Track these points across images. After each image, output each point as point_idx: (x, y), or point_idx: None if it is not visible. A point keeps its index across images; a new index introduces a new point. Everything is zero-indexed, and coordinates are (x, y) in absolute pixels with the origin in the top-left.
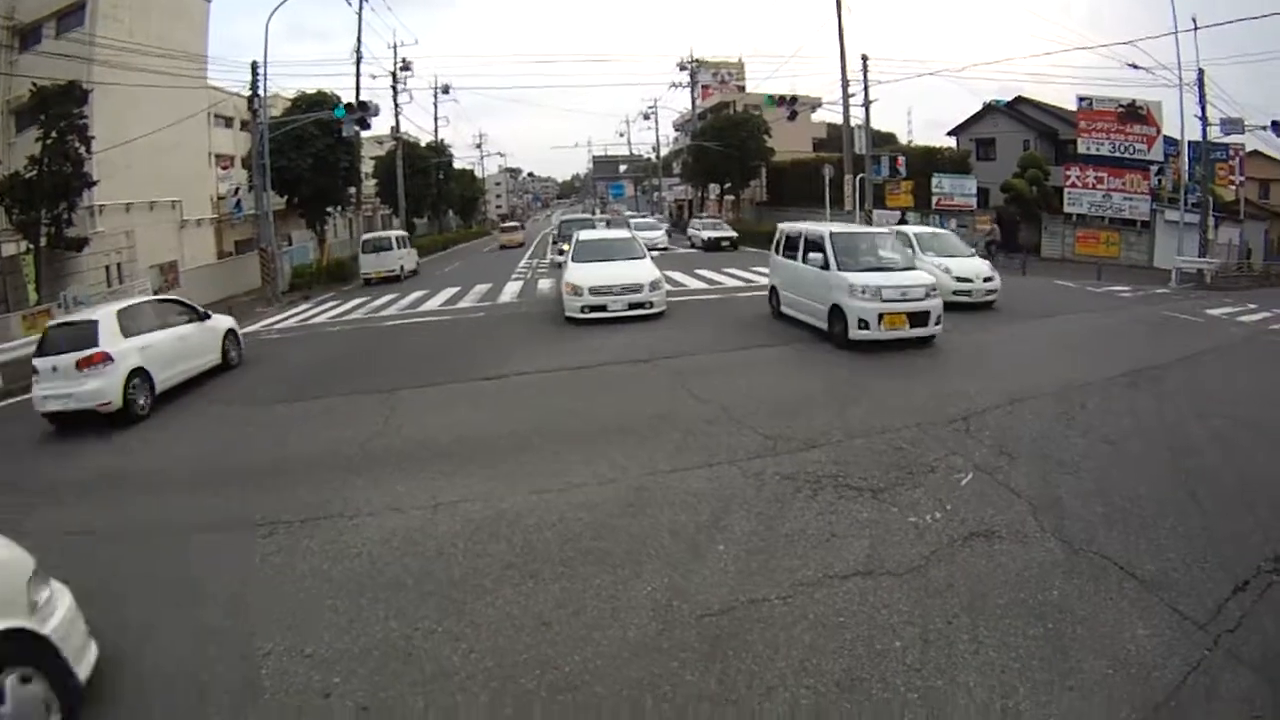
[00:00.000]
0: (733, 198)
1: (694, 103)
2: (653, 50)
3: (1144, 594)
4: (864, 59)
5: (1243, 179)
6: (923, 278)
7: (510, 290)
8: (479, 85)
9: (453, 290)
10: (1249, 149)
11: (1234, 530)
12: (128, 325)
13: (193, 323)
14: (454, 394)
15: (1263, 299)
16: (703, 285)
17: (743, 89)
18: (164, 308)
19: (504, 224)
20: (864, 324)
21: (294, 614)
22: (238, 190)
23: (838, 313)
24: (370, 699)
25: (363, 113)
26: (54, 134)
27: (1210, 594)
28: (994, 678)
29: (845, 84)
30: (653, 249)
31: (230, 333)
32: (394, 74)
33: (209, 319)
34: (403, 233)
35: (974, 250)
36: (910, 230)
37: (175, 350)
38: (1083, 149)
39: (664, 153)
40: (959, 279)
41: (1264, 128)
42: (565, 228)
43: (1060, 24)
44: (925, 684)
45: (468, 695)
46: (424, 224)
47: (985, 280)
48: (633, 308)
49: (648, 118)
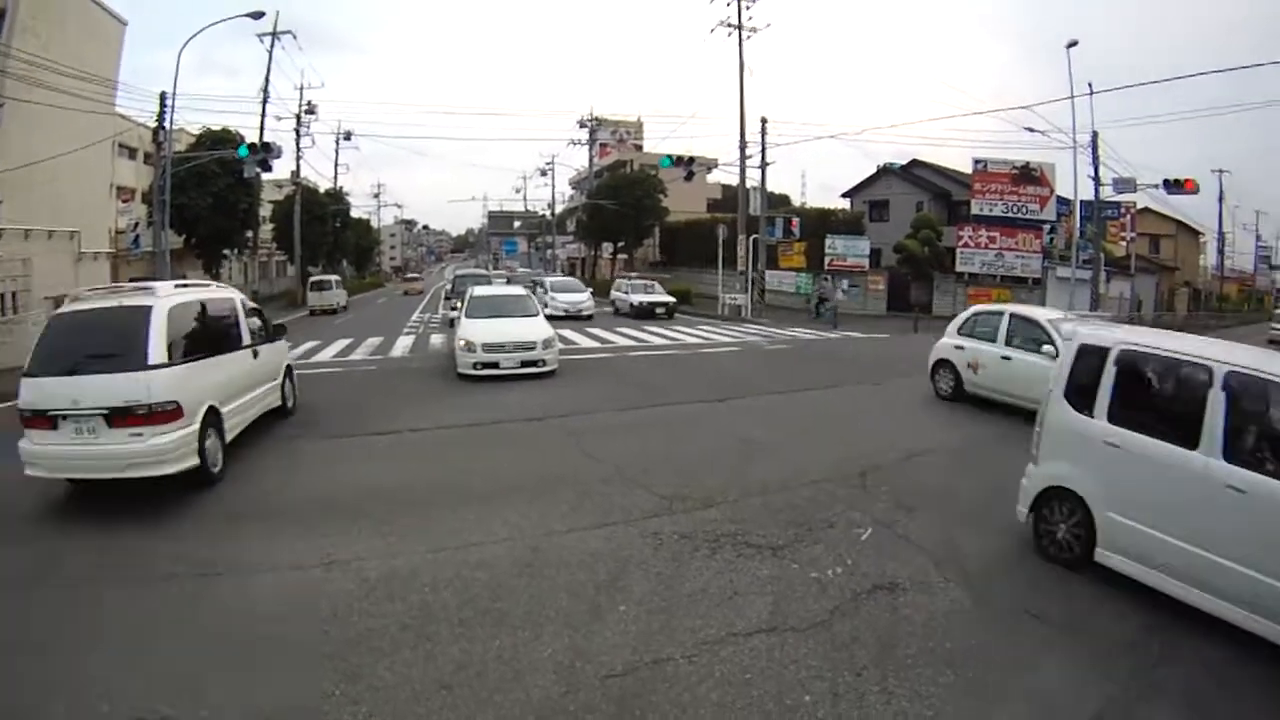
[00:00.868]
0: (625, 257)
1: (591, 160)
2: (554, 107)
3: (1049, 633)
4: (763, 121)
5: (1134, 235)
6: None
7: (403, 344)
8: (381, 134)
9: (345, 342)
10: (1140, 206)
11: None
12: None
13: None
14: (346, 448)
15: None
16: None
17: (640, 148)
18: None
19: (408, 275)
20: None
21: (186, 673)
22: (137, 225)
23: None
24: None
25: (266, 154)
26: None
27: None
28: None
29: (743, 146)
30: (576, 315)
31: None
32: (298, 116)
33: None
34: (338, 276)
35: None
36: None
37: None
38: (976, 210)
39: (559, 210)
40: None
41: (1155, 185)
42: (459, 283)
43: (959, 89)
44: None
45: None
46: (318, 272)
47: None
48: (526, 365)
49: (544, 174)
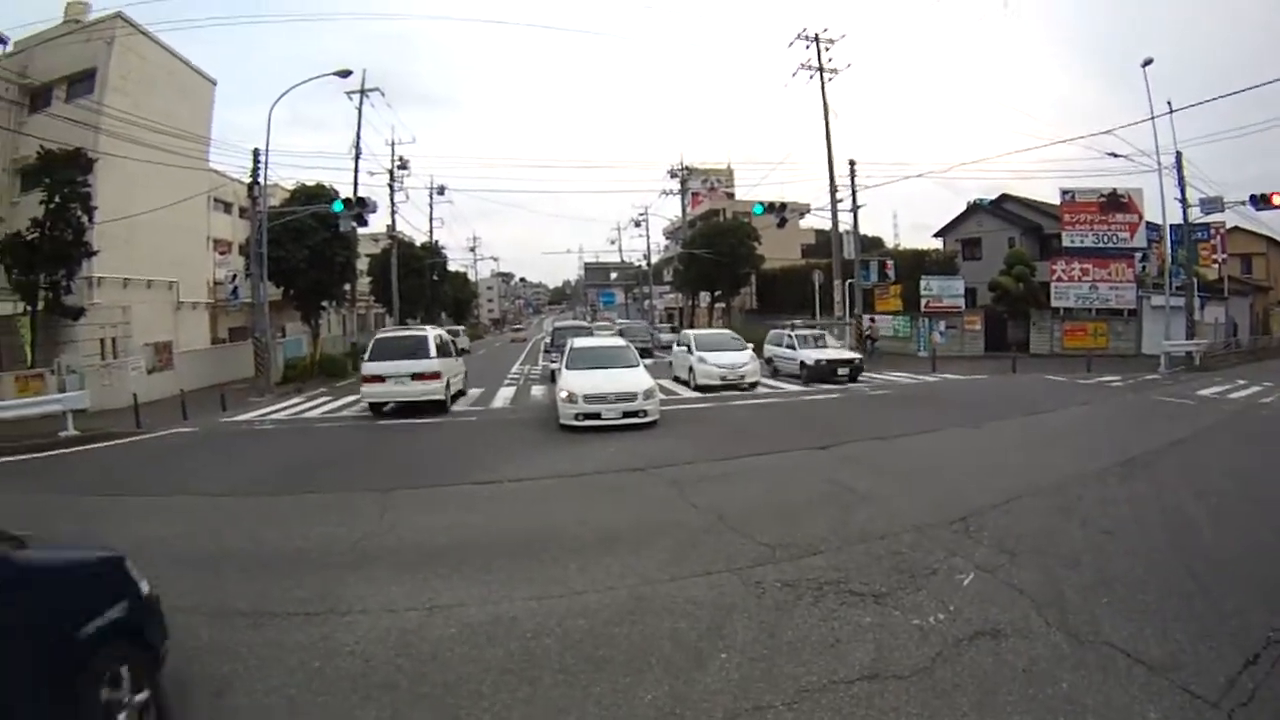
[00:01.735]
0: (723, 305)
1: (684, 210)
2: (644, 158)
3: (1153, 678)
4: (851, 164)
5: (1225, 257)
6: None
7: (504, 395)
8: (474, 187)
9: None
10: (1229, 225)
11: (1239, 605)
12: None
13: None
14: (449, 497)
15: (1252, 374)
16: None
17: (732, 196)
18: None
19: (515, 326)
20: None
21: (284, 711)
22: (235, 277)
23: None
24: None
25: (360, 209)
26: (57, 199)
27: (1220, 671)
28: None
29: (834, 191)
30: (737, 383)
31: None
32: (391, 172)
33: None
34: (462, 326)
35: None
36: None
37: None
38: (1067, 242)
39: (654, 260)
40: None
41: (1242, 203)
42: (559, 335)
43: (1039, 119)
44: None
45: None
46: (416, 325)
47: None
48: (627, 416)
49: (639, 225)
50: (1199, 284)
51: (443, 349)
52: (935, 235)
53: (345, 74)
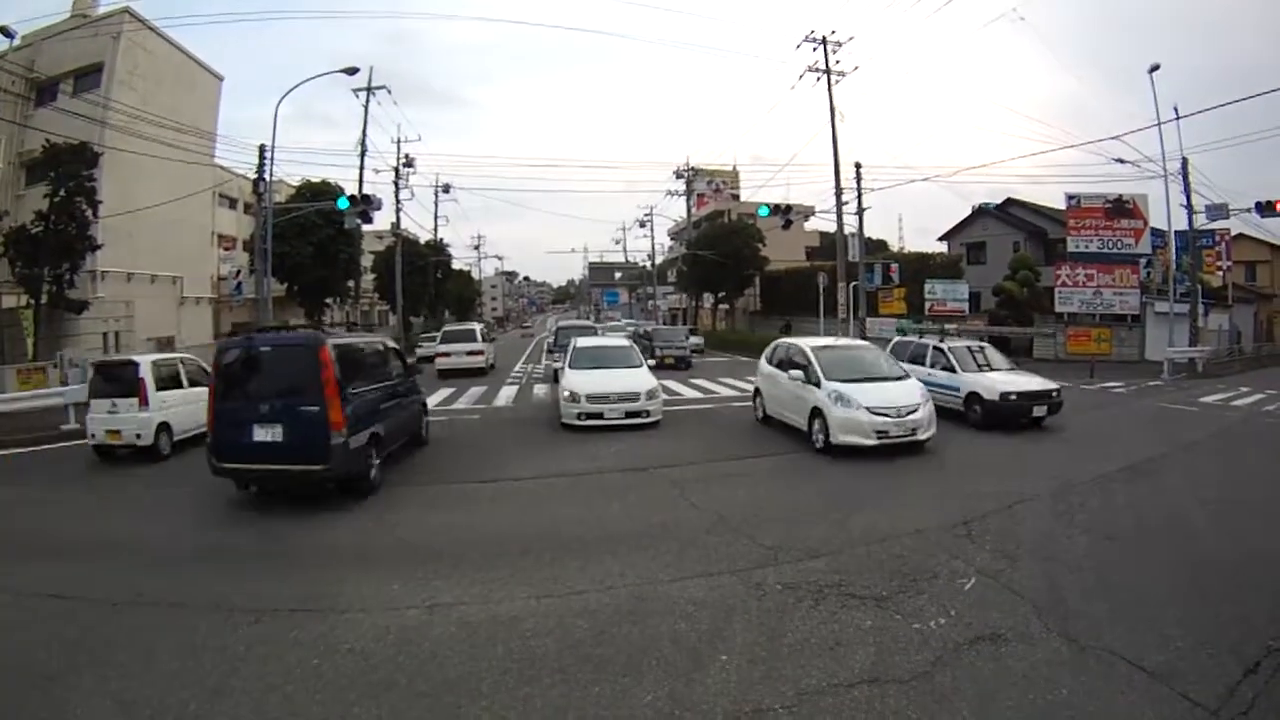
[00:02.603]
0: (726, 306)
1: (689, 211)
2: (650, 158)
3: (1153, 685)
4: (857, 167)
5: (1229, 264)
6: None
7: (506, 395)
8: (479, 186)
9: (448, 391)
10: (1234, 233)
11: (1240, 613)
12: None
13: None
14: (451, 496)
15: (1255, 381)
16: None
17: (737, 197)
18: None
19: (524, 324)
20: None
21: (275, 709)
22: (239, 272)
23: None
24: None
25: (365, 206)
26: (63, 192)
27: (1220, 679)
28: None
29: (839, 193)
30: (910, 435)
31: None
32: (396, 169)
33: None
34: (482, 325)
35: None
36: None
37: None
38: (1072, 247)
39: (659, 261)
40: None
41: (1248, 210)
42: (562, 335)
43: (1047, 124)
44: None
45: None
46: (420, 322)
47: None
48: (629, 416)
49: (643, 225)
50: (1203, 291)
51: (485, 337)
52: (940, 239)
53: (352, 71)
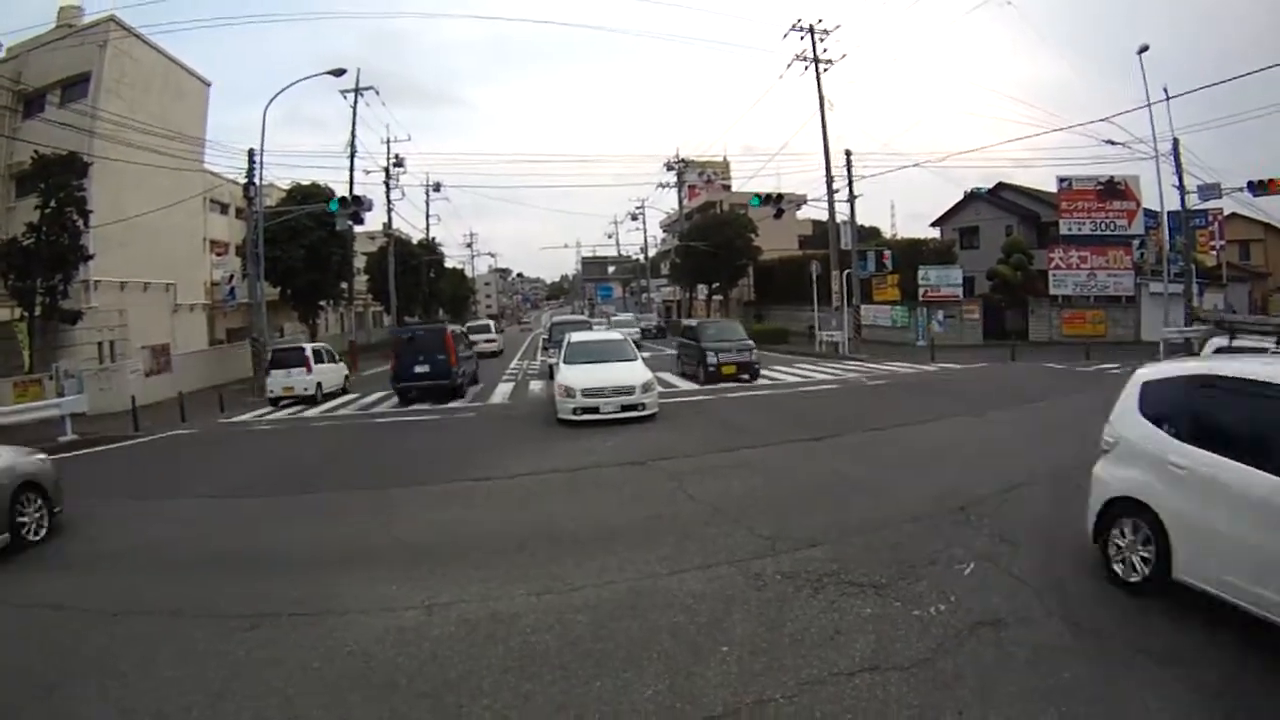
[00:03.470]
0: (720, 298)
1: (681, 203)
2: (641, 151)
3: (1155, 669)
4: (847, 154)
5: (1223, 243)
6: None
7: (502, 391)
8: (471, 184)
9: None
10: (1227, 212)
11: None
12: None
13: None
14: (448, 494)
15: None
16: None
17: (728, 188)
18: None
19: (522, 319)
20: None
21: (278, 711)
22: (231, 277)
23: None
24: None
25: (356, 207)
26: (53, 203)
27: (1220, 664)
28: None
29: (830, 181)
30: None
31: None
32: (387, 170)
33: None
34: (492, 321)
35: None
36: None
37: None
38: (1065, 230)
39: (652, 254)
40: None
41: (1240, 189)
42: (557, 331)
43: (1038, 107)
44: None
45: None
46: (415, 322)
47: None
48: (625, 409)
49: (635, 219)
50: (1197, 271)
51: (498, 329)
52: (932, 225)
53: (339, 73)
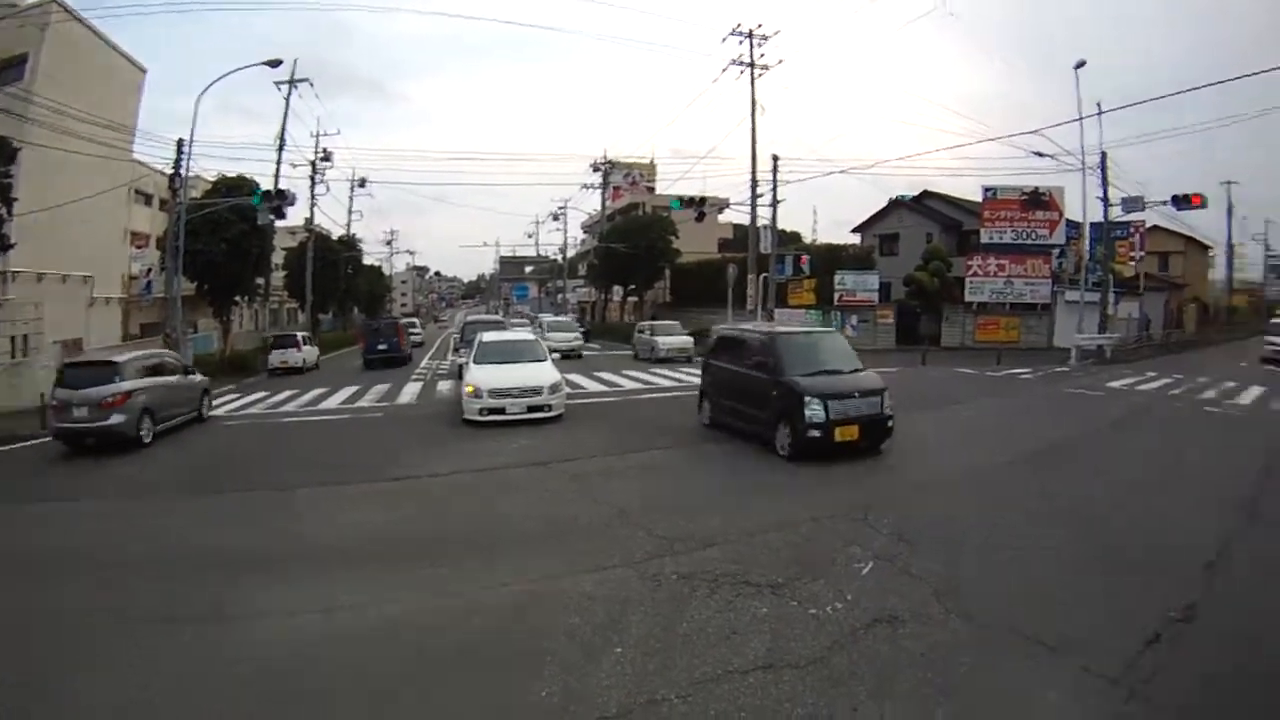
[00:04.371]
0: (635, 299)
1: (604, 203)
2: (570, 150)
3: (1053, 659)
4: (774, 159)
5: (1143, 254)
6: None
7: (410, 391)
8: (396, 180)
9: (352, 389)
10: (1150, 224)
11: (1141, 589)
12: None
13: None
14: (352, 495)
15: (1162, 366)
16: None
17: (653, 190)
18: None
19: (439, 317)
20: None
21: (176, 716)
22: (149, 271)
23: None
24: None
25: (280, 201)
26: None
27: (1120, 651)
28: None
29: (754, 184)
30: None
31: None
32: (313, 164)
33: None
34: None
35: None
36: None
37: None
38: (986, 238)
39: (571, 254)
40: None
41: (1164, 202)
42: (469, 331)
43: (970, 118)
44: None
45: None
46: (328, 319)
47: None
48: (532, 410)
49: (557, 219)
50: (1115, 280)
51: (423, 326)
52: (854, 231)
53: (275, 64)
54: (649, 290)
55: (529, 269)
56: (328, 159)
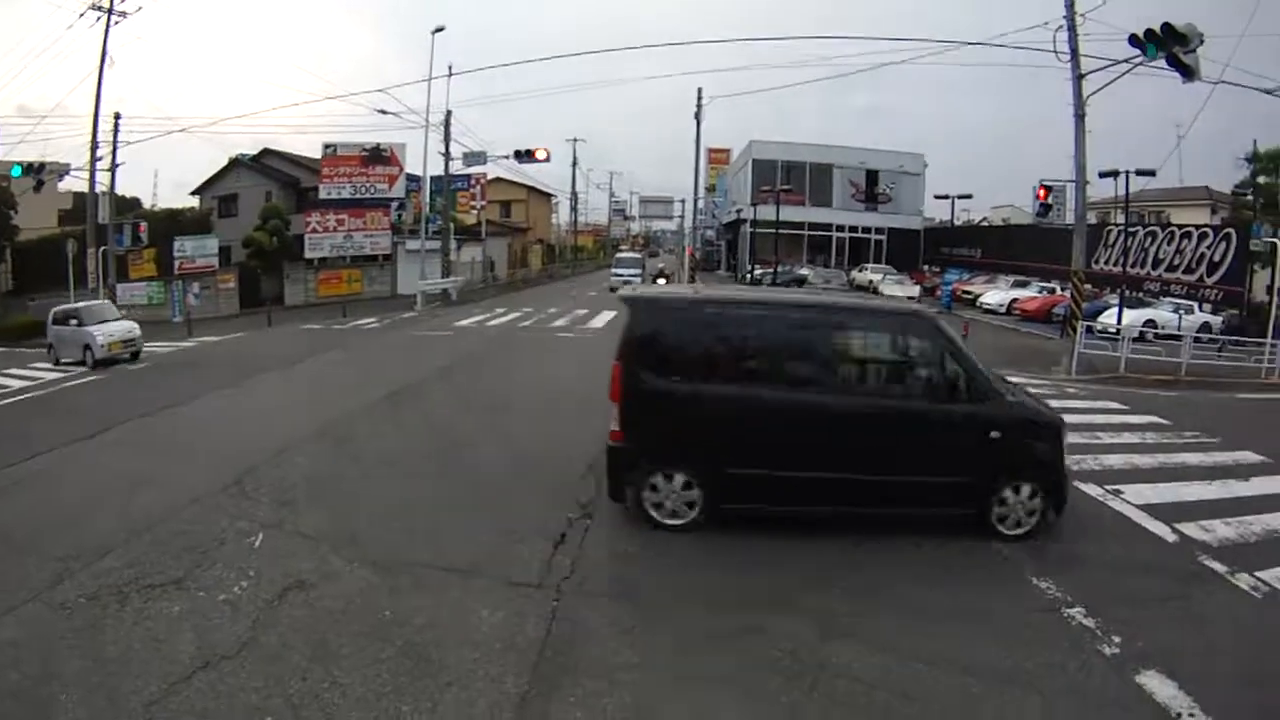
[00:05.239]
0: None
1: None
2: None
3: (473, 581)
4: (116, 117)
5: (484, 203)
6: None
7: None
8: None
9: None
10: (493, 176)
11: (528, 501)
12: None
13: None
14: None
15: (509, 303)
16: None
17: None
18: None
19: None
20: None
21: None
22: None
23: None
24: None
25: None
26: None
27: (535, 558)
28: (374, 709)
29: (94, 146)
30: None
31: None
32: None
33: None
34: None
35: None
36: None
37: None
38: (324, 194)
39: None
40: None
41: (507, 156)
42: None
43: (319, 77)
44: None
45: None
46: None
47: None
48: None
49: None
50: (457, 228)
51: None
52: (193, 193)
53: None
54: None
55: None
56: None
